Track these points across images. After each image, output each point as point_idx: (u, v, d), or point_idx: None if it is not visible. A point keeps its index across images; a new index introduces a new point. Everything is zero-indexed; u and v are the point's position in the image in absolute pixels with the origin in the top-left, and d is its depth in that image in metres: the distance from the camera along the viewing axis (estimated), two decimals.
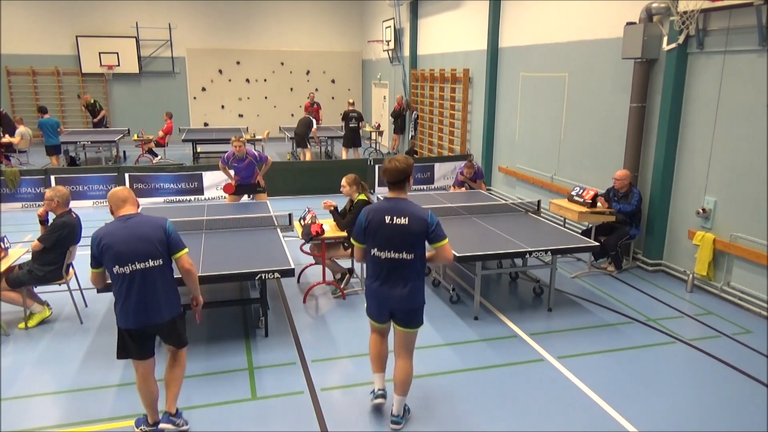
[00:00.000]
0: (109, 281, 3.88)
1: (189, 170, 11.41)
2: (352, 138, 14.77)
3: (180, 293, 4.01)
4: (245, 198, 8.66)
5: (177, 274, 3.98)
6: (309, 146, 14.31)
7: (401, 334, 4.06)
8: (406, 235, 3.83)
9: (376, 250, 3.91)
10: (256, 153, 8.48)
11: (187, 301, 4.14)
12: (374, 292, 4.00)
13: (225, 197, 8.84)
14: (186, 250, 3.88)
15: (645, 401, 4.47)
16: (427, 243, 3.93)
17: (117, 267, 3.65)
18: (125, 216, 3.78)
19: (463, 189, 9.30)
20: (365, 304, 4.20)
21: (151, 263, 3.70)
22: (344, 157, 14.65)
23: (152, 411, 3.95)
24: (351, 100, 15.89)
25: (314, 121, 14.17)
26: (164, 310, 3.79)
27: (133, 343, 3.78)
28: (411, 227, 3.82)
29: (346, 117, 14.69)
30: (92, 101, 17.11)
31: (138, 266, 3.66)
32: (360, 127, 14.93)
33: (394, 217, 3.85)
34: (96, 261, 3.74)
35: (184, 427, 4.05)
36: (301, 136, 14.00)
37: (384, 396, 4.25)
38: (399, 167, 3.93)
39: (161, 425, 3.97)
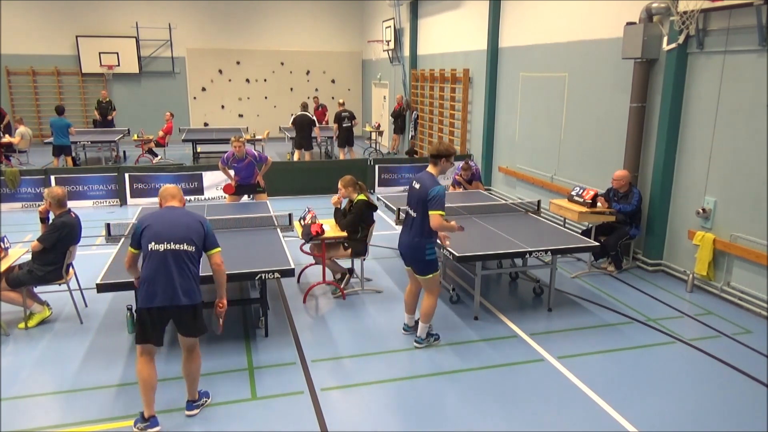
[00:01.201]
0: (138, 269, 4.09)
1: (189, 170, 11.41)
2: (346, 137, 14.77)
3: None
4: (245, 198, 8.65)
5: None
6: (313, 147, 14.17)
7: (419, 279, 5.16)
8: (416, 197, 4.95)
9: (405, 205, 5.21)
10: (255, 153, 8.47)
11: (211, 298, 4.37)
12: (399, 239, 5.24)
13: (225, 197, 8.83)
14: (220, 249, 4.18)
15: (645, 401, 4.47)
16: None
17: (153, 244, 3.90)
18: (171, 206, 4.16)
19: (460, 189, 9.31)
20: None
21: (185, 247, 3.95)
22: (341, 157, 14.63)
23: (148, 400, 4.02)
24: (341, 101, 15.87)
25: (315, 120, 14.08)
26: (187, 295, 3.95)
27: (152, 325, 3.93)
28: (419, 192, 4.90)
29: (338, 118, 14.64)
30: (108, 99, 17.12)
31: (172, 246, 3.91)
32: (353, 126, 14.92)
33: (414, 183, 5.04)
34: (135, 240, 3.98)
35: (208, 402, 4.35)
36: (305, 137, 13.83)
37: (407, 330, 5.55)
38: (434, 146, 5.03)
39: (187, 412, 4.21)
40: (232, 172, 8.40)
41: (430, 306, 5.20)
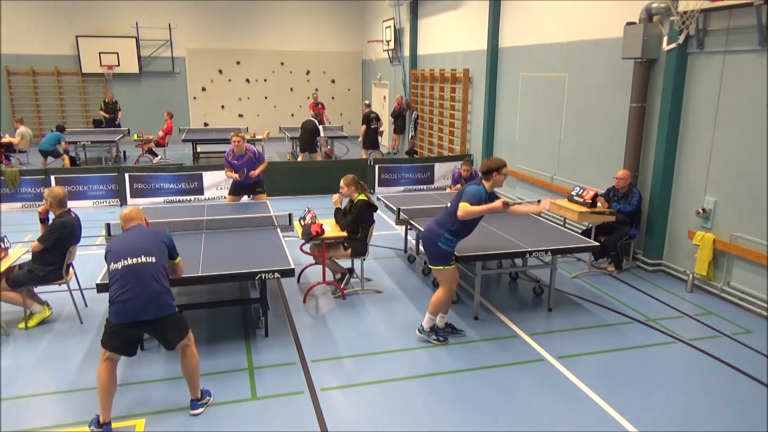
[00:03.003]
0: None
1: (189, 170, 11.41)
2: (373, 140, 14.69)
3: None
4: (245, 198, 8.63)
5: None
6: (317, 150, 14.08)
7: (432, 270, 5.35)
8: (458, 196, 5.13)
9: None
10: (255, 150, 8.42)
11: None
12: None
13: (224, 197, 8.80)
14: (179, 258, 4.44)
15: (645, 401, 4.47)
16: None
17: (113, 264, 3.95)
18: (132, 227, 4.26)
19: (458, 187, 9.30)
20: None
21: (143, 259, 3.96)
22: (363, 156, 14.52)
23: (105, 405, 3.98)
24: (367, 102, 15.86)
25: (319, 125, 13.94)
26: (158, 308, 3.93)
27: (118, 338, 3.93)
28: (461, 191, 5.14)
29: (367, 119, 14.52)
30: (114, 100, 17.13)
31: (130, 261, 3.93)
32: (378, 128, 14.88)
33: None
34: (106, 264, 4.07)
35: (210, 401, 4.37)
36: (307, 142, 13.57)
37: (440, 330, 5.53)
38: (485, 163, 5.20)
39: (191, 412, 4.22)
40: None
41: (438, 299, 5.29)
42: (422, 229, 5.43)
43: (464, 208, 4.93)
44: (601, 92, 8.40)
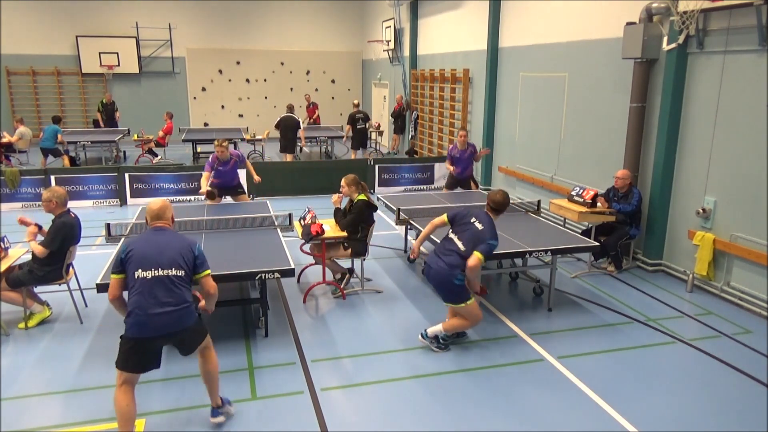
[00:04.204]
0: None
1: (189, 170, 11.40)
2: (361, 139, 14.72)
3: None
4: (228, 199, 8.42)
5: None
6: (295, 150, 13.85)
7: (455, 309, 5.12)
8: (473, 234, 4.94)
9: (451, 234, 5.16)
10: (238, 153, 8.34)
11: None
12: None
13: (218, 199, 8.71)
14: (210, 271, 3.97)
15: (645, 401, 4.47)
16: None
17: (140, 270, 3.67)
18: (160, 228, 3.94)
19: (452, 168, 9.32)
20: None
21: (174, 272, 3.73)
22: (353, 157, 14.58)
23: (127, 429, 3.74)
24: (356, 101, 15.87)
25: (300, 122, 13.85)
26: (180, 321, 3.73)
27: (138, 354, 3.70)
28: (479, 233, 4.92)
29: (352, 119, 14.57)
30: (112, 101, 17.15)
31: (160, 272, 3.69)
32: (367, 128, 14.90)
33: (473, 220, 5.05)
34: (119, 266, 3.75)
35: (232, 411, 4.20)
36: (290, 139, 13.49)
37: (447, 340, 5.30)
38: (502, 197, 5.14)
39: (212, 419, 4.09)
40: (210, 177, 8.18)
41: (461, 325, 5.11)
42: (429, 265, 5.07)
43: (477, 261, 4.77)
44: (601, 92, 8.40)
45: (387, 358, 5.14)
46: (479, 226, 4.94)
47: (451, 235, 5.10)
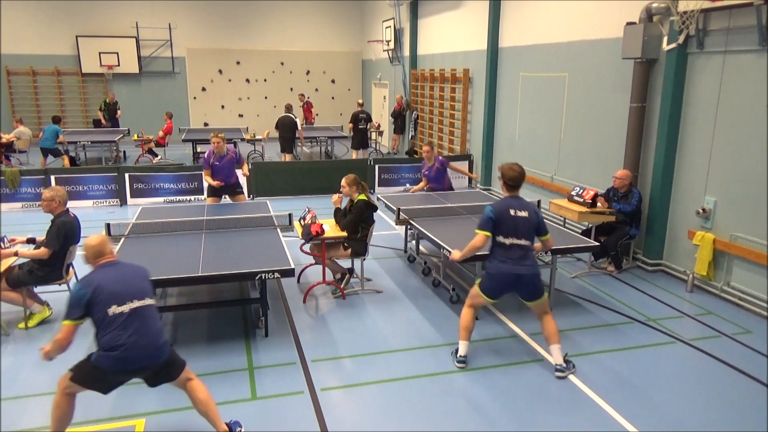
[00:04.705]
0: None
1: (189, 170, 11.41)
2: (361, 139, 14.73)
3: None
4: (225, 199, 8.41)
5: None
6: (294, 149, 13.84)
7: (533, 306, 4.90)
8: (527, 225, 4.72)
9: (501, 237, 4.75)
10: (236, 150, 8.31)
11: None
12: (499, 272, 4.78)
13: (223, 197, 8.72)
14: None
15: (645, 401, 4.47)
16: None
17: (115, 306, 3.55)
18: (110, 262, 3.80)
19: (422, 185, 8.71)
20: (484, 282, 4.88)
21: (148, 301, 3.70)
22: (354, 157, 14.58)
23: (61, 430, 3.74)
24: (360, 101, 15.90)
25: (298, 121, 13.86)
26: (162, 349, 3.70)
27: (105, 382, 3.66)
28: (530, 219, 4.73)
29: (355, 119, 14.60)
30: (115, 101, 17.15)
31: (137, 303, 3.63)
32: (368, 129, 14.91)
33: (518, 211, 4.73)
34: (80, 309, 3.55)
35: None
36: (288, 139, 13.49)
37: (465, 363, 4.93)
38: (522, 173, 4.79)
39: None
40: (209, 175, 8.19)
41: (555, 323, 4.95)
42: (516, 274, 4.71)
43: (551, 238, 4.86)
44: (601, 92, 8.40)
45: (387, 358, 5.14)
46: (524, 214, 4.71)
47: (506, 240, 4.73)
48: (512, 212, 4.71)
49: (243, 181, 9.52)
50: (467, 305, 5.01)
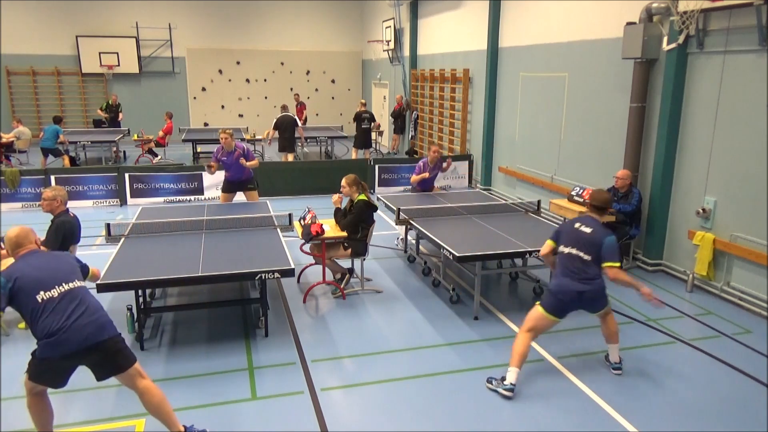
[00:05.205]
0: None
1: (189, 170, 11.40)
2: (364, 139, 14.76)
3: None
4: (239, 196, 8.48)
5: None
6: (295, 148, 13.86)
7: (598, 314, 4.84)
8: (587, 241, 4.62)
9: (562, 246, 4.75)
10: (244, 146, 8.30)
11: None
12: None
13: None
14: (92, 269, 4.19)
15: (645, 401, 4.47)
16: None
17: (42, 293, 3.49)
18: (31, 251, 3.74)
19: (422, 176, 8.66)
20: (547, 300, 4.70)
21: (78, 283, 3.66)
22: (354, 157, 14.62)
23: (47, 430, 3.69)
24: (363, 101, 15.91)
25: (298, 119, 13.92)
26: (105, 328, 3.60)
27: (53, 372, 3.58)
28: (591, 237, 4.63)
29: (358, 118, 14.64)
30: (117, 102, 17.15)
31: (65, 287, 3.57)
32: (372, 129, 14.93)
33: (581, 225, 4.73)
34: (3, 302, 3.49)
35: None
36: (289, 138, 13.53)
37: (513, 391, 4.51)
38: (604, 197, 4.85)
39: None
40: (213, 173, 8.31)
41: (615, 323, 4.94)
42: (576, 291, 4.60)
43: (617, 272, 4.57)
44: (601, 92, 8.40)
45: (387, 358, 5.14)
46: (587, 230, 4.65)
47: (568, 250, 4.70)
48: (577, 225, 4.74)
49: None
50: (525, 330, 4.67)
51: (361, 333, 5.63)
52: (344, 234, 6.33)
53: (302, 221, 6.42)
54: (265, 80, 20.61)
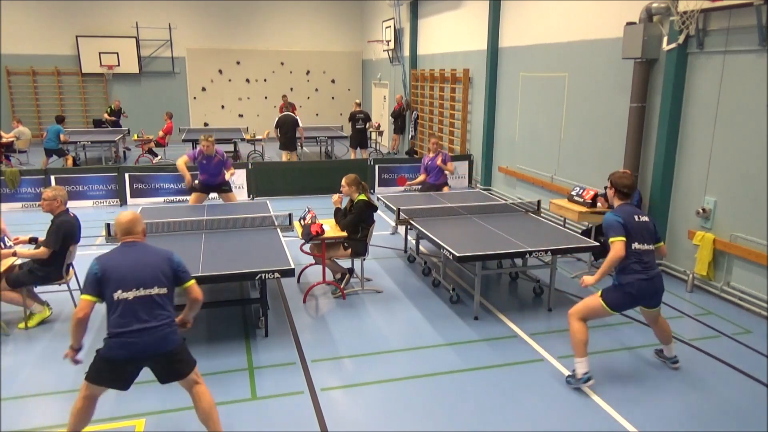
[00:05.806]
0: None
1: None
2: (359, 139, 14.77)
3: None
4: (213, 196, 8.74)
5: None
6: (296, 148, 13.89)
7: (651, 312, 4.85)
8: (648, 230, 4.64)
9: (636, 244, 4.56)
10: (224, 153, 8.55)
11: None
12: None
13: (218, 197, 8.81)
14: (194, 280, 3.83)
15: (645, 401, 4.47)
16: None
17: (120, 292, 3.50)
18: (131, 242, 3.72)
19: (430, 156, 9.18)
20: (615, 298, 4.66)
21: (156, 291, 3.58)
22: (352, 157, 14.64)
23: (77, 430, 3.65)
24: (357, 101, 15.94)
25: (299, 119, 13.95)
26: (165, 341, 3.57)
27: (114, 373, 3.58)
28: (649, 224, 4.69)
29: (352, 118, 14.73)
30: (120, 107, 17.16)
31: (142, 292, 3.54)
32: (367, 128, 14.95)
33: (637, 216, 4.66)
34: (93, 287, 3.53)
35: None
36: (291, 137, 13.56)
37: (591, 378, 4.58)
38: (635, 179, 4.72)
39: None
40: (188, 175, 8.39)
41: (668, 324, 4.99)
42: (657, 285, 4.62)
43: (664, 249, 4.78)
44: (601, 92, 8.40)
45: (387, 358, 5.14)
46: (645, 219, 4.67)
47: (645, 247, 4.58)
48: (637, 218, 4.61)
49: (243, 181, 9.55)
50: (579, 318, 4.68)
51: (361, 333, 5.63)
52: (344, 234, 6.33)
53: (302, 221, 6.42)
54: (265, 80, 20.61)
